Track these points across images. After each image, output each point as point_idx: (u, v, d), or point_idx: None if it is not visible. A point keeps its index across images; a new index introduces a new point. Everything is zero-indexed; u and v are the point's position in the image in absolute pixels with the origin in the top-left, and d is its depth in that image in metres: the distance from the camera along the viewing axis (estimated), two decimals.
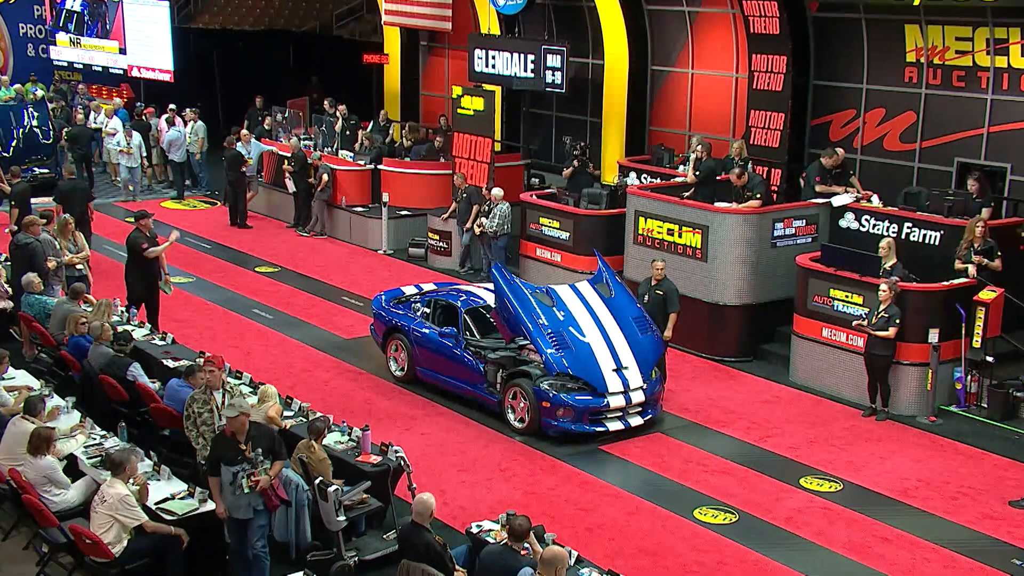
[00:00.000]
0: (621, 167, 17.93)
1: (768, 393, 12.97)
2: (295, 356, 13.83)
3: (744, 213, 13.77)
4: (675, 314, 12.44)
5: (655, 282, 12.58)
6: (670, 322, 12.39)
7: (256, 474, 8.15)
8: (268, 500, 8.28)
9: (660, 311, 12.43)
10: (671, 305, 12.44)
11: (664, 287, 12.52)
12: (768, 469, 10.87)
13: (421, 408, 12.30)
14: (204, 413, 9.02)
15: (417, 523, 7.58)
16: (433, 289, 13.80)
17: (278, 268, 17.83)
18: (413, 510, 7.62)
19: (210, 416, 8.98)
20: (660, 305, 12.46)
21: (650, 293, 12.58)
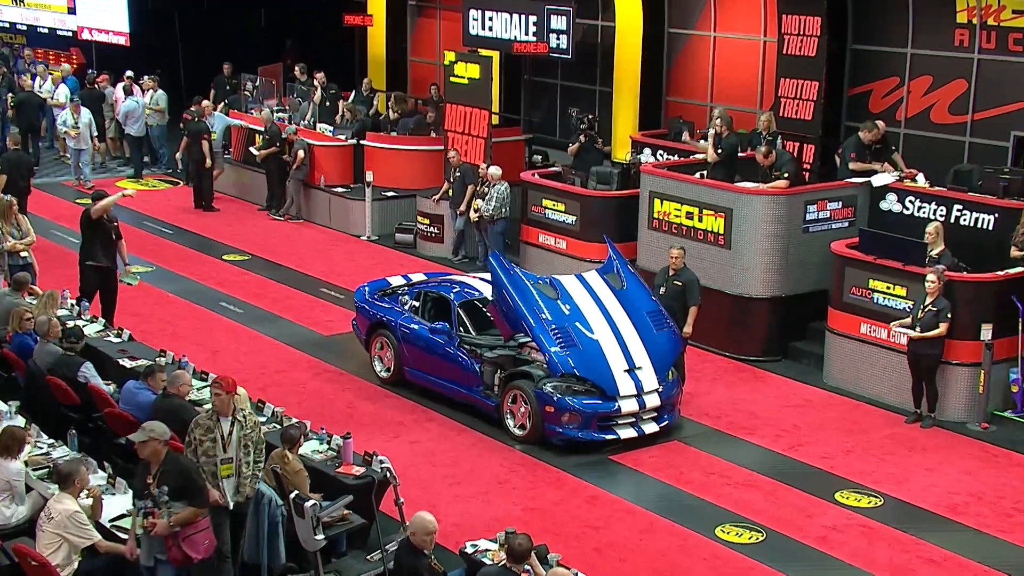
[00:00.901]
0: (634, 143, 17.92)
1: (799, 396, 12.98)
2: (268, 355, 13.83)
3: (772, 194, 13.76)
4: (695, 308, 12.43)
5: (673, 271, 12.58)
6: (690, 317, 12.39)
7: (156, 515, 7.68)
8: (169, 552, 7.72)
9: (678, 304, 12.43)
10: (691, 298, 12.43)
11: (683, 277, 12.52)
12: (799, 482, 10.88)
13: (409, 413, 12.31)
14: (207, 442, 8.39)
15: (414, 545, 7.54)
16: (423, 280, 13.80)
17: (248, 256, 17.82)
18: (410, 531, 7.57)
19: (212, 447, 8.38)
20: (678, 297, 12.45)
21: (667, 284, 12.57)
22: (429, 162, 18.79)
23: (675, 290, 12.50)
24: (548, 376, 11.46)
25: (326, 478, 9.26)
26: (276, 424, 10.04)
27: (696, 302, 12.43)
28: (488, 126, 17.47)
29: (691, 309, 12.41)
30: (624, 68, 19.43)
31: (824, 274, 13.52)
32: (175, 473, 7.81)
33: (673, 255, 12.62)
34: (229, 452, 8.41)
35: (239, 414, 8.53)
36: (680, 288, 12.48)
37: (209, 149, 19.91)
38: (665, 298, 12.47)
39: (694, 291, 12.45)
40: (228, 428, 8.45)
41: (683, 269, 12.57)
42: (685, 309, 12.41)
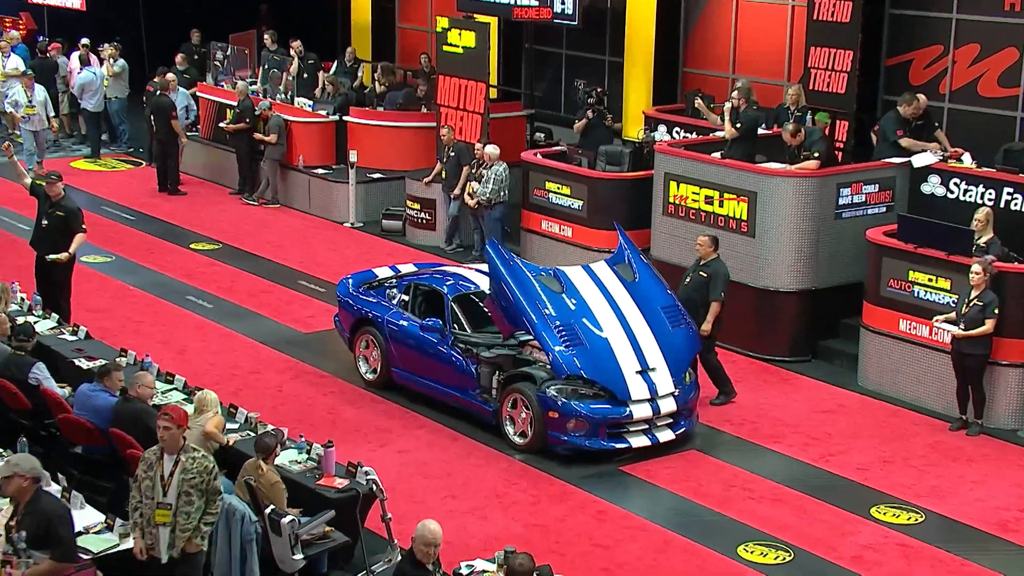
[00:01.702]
0: (648, 119, 17.91)
1: (831, 401, 12.99)
2: (240, 354, 13.83)
3: (801, 176, 13.75)
4: (717, 303, 12.42)
5: (702, 261, 12.57)
6: (709, 313, 12.40)
7: (14, 564, 7.36)
8: None
9: (700, 298, 12.44)
10: (712, 291, 12.42)
11: (710, 268, 12.51)
12: (831, 496, 10.89)
13: (398, 419, 12.31)
14: (146, 480, 8.09)
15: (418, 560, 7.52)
16: (413, 272, 13.80)
17: (219, 245, 17.81)
18: (414, 541, 7.52)
19: (151, 487, 8.03)
20: (700, 290, 12.47)
21: (692, 274, 12.58)
22: (419, 140, 18.77)
23: (698, 282, 12.50)
24: (552, 378, 11.46)
25: (305, 491, 9.26)
26: (250, 431, 10.04)
27: (717, 297, 12.42)
28: (485, 100, 17.45)
29: (711, 305, 12.41)
30: (637, 36, 19.41)
31: (859, 265, 13.51)
32: (37, 518, 7.47)
33: (698, 242, 12.61)
34: (168, 496, 7.99)
35: (185, 454, 8.07)
36: (703, 280, 12.47)
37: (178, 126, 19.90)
38: (688, 289, 12.48)
39: (717, 285, 12.43)
40: (170, 468, 8.04)
41: (713, 260, 12.56)
42: (707, 304, 12.41)
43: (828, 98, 15.89)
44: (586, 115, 17.58)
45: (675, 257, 14.53)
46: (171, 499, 7.99)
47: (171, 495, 8.00)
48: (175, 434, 8.11)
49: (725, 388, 12.71)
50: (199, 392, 10.08)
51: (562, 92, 21.34)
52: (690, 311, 12.40)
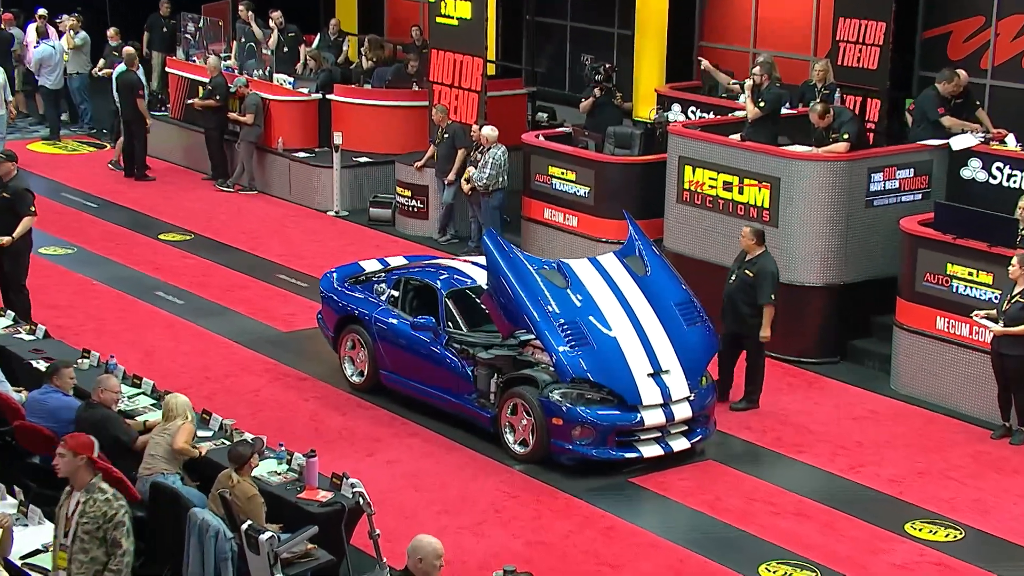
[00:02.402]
0: (660, 97, 17.89)
1: (861, 406, 12.99)
2: (214, 355, 13.83)
3: (829, 160, 13.75)
4: (769, 307, 12.38)
5: (747, 257, 12.56)
6: (765, 318, 12.38)
7: None
8: None
9: (745, 299, 12.44)
10: (761, 293, 12.39)
11: (757, 265, 12.49)
12: (862, 511, 10.89)
13: (387, 426, 12.31)
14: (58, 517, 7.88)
15: None
16: (403, 265, 13.80)
17: (190, 235, 17.81)
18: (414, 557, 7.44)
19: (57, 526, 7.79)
20: (747, 291, 12.45)
21: (737, 272, 12.57)
22: (410, 121, 18.76)
23: (744, 282, 12.48)
24: (555, 381, 11.46)
25: (286, 505, 9.26)
26: (225, 439, 10.04)
27: (768, 300, 12.37)
28: (482, 77, 17.44)
29: (764, 309, 12.38)
30: (648, 6, 19.39)
31: (892, 257, 13.51)
32: None
33: (742, 234, 12.62)
34: (68, 538, 7.71)
35: (88, 493, 7.64)
36: (749, 280, 12.46)
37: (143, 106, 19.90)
38: (730, 288, 12.49)
39: (766, 285, 12.39)
40: (73, 506, 7.71)
41: (759, 255, 12.54)
42: (753, 306, 12.40)
43: (858, 74, 15.88)
44: (593, 93, 17.57)
45: (690, 249, 14.52)
46: (69, 542, 7.71)
47: (69, 537, 7.71)
48: (69, 463, 7.69)
49: (754, 396, 12.72)
50: (167, 396, 10.09)
51: (566, 68, 21.34)
52: (733, 312, 12.44)
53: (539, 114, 19.80)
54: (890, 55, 15.74)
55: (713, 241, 14.32)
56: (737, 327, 12.57)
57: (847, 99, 15.72)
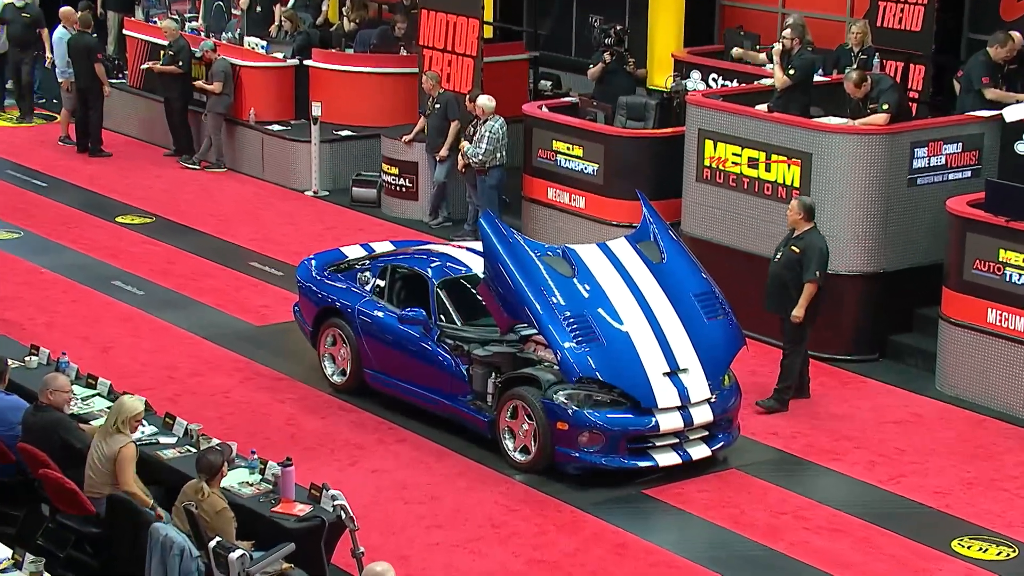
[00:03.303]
0: (678, 63, 17.87)
1: (903, 408, 12.99)
2: (179, 352, 13.83)
3: (867, 133, 13.74)
4: (812, 284, 12.44)
5: (795, 233, 12.61)
6: (803, 296, 12.42)
7: None
8: None
9: (791, 276, 12.48)
10: (806, 269, 12.44)
11: (804, 241, 12.53)
12: (903, 525, 10.88)
13: (372, 431, 12.31)
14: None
15: None
16: (390, 251, 13.79)
17: (151, 218, 17.79)
18: None
19: None
20: (792, 268, 12.49)
21: (783, 249, 12.61)
22: (398, 90, 18.74)
23: (789, 259, 12.52)
24: (560, 381, 11.45)
25: (259, 520, 9.26)
26: (191, 447, 10.03)
27: (812, 277, 12.42)
28: (478, 41, 17.43)
29: (805, 287, 12.42)
30: None
31: (937, 242, 13.51)
32: None
33: (789, 208, 12.66)
34: None
35: None
36: (796, 257, 12.49)
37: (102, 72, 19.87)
38: (776, 267, 12.52)
39: (812, 262, 12.44)
40: None
41: (807, 231, 12.57)
42: (799, 286, 12.43)
43: (900, 37, 15.87)
44: (602, 59, 17.53)
45: (711, 233, 14.51)
46: None
47: None
48: None
49: (784, 395, 12.73)
50: (119, 398, 9.87)
51: (573, 31, 21.30)
52: (779, 294, 12.46)
53: (542, 82, 19.77)
54: (936, 15, 15.72)
55: (737, 224, 14.31)
56: (784, 310, 12.57)
57: (887, 65, 15.70)
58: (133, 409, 9.60)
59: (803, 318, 12.47)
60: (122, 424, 9.51)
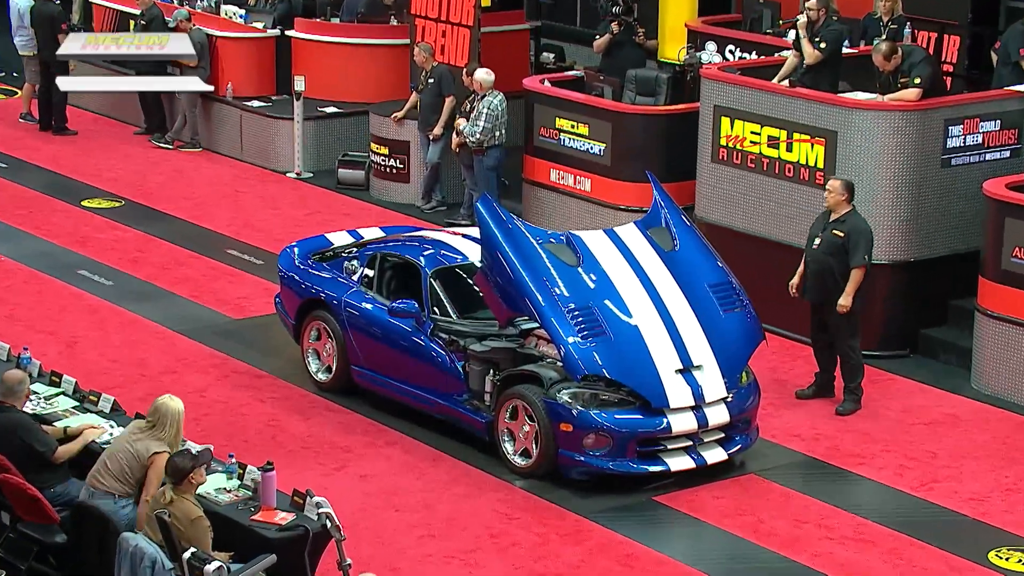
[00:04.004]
0: (692, 34, 17.84)
1: (936, 409, 13.00)
2: (150, 348, 13.83)
3: (897, 110, 13.73)
4: (860, 269, 12.45)
5: (834, 216, 12.60)
6: (850, 283, 12.43)
7: None
8: None
9: (836, 263, 12.48)
10: (853, 255, 12.45)
11: (847, 224, 12.53)
12: (936, 535, 10.89)
13: (361, 433, 12.32)
14: None
15: None
16: (379, 238, 13.79)
17: (120, 201, 17.78)
18: None
19: None
20: (837, 254, 12.48)
21: (823, 234, 12.60)
22: (387, 63, 18.72)
23: (832, 243, 12.51)
24: (564, 379, 11.46)
25: (237, 529, 9.26)
26: None
27: (861, 262, 12.44)
28: (475, 9, 17.41)
29: (852, 272, 12.43)
30: None
31: (973, 228, 13.51)
32: None
33: (828, 189, 12.63)
34: None
35: None
36: (839, 241, 12.48)
37: None
38: (816, 254, 12.51)
39: (859, 246, 12.45)
40: None
41: (848, 213, 12.58)
42: (845, 272, 12.43)
43: (933, 5, 15.85)
44: (610, 29, 17.54)
45: (728, 218, 14.50)
46: None
47: None
48: None
49: (858, 392, 12.76)
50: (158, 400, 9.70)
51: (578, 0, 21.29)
52: (822, 282, 12.46)
53: (544, 54, 19.74)
54: None
55: (755, 209, 14.31)
56: (828, 299, 12.57)
57: (919, 36, 15.69)
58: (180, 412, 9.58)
59: (852, 307, 12.48)
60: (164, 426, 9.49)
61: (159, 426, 9.53)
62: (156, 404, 9.67)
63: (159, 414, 9.57)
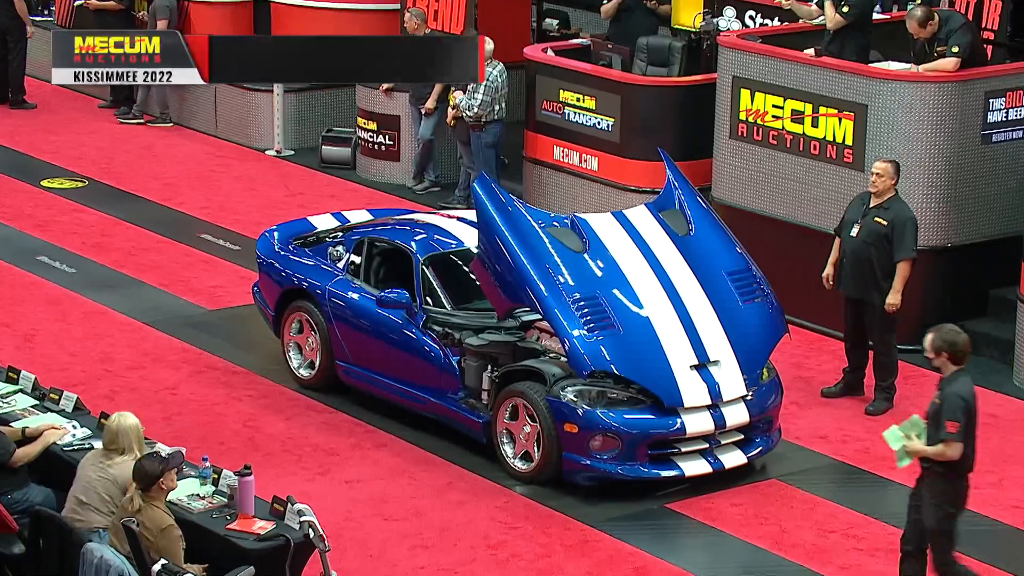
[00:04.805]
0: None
1: None
2: (116, 341, 13.85)
3: (933, 81, 13.73)
4: (908, 262, 12.44)
5: (875, 201, 12.58)
6: (896, 278, 12.43)
7: None
8: None
9: (877, 254, 12.46)
10: (899, 246, 12.43)
11: (891, 211, 12.51)
12: (975, 546, 10.86)
13: (346, 435, 12.34)
14: None
15: None
16: (367, 222, 13.80)
17: (84, 181, 17.77)
18: None
19: None
20: (879, 244, 12.47)
21: (863, 221, 12.57)
22: (376, 30, 18.68)
23: (874, 231, 12.49)
24: (569, 376, 11.48)
25: (212, 539, 9.27)
26: None
27: (909, 254, 12.44)
28: None
29: (898, 265, 12.42)
30: None
31: (1016, 210, 13.54)
32: None
33: (876, 171, 12.58)
34: None
35: None
36: (882, 229, 12.48)
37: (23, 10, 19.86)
38: (855, 242, 12.50)
39: (906, 235, 12.44)
40: None
41: (893, 199, 12.56)
42: (887, 264, 12.44)
43: None
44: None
45: (747, 199, 14.50)
46: None
47: None
48: None
49: (890, 391, 12.79)
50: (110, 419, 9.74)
51: None
52: (862, 275, 12.45)
53: (547, 20, 19.73)
54: None
55: (777, 189, 14.32)
56: (866, 293, 12.58)
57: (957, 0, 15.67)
58: (138, 427, 9.58)
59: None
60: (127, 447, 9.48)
61: (127, 451, 9.48)
62: (110, 427, 9.61)
63: (118, 436, 9.51)
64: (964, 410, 9.48)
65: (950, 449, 9.42)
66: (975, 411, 9.60)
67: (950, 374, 9.68)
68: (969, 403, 9.54)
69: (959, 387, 9.59)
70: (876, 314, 12.55)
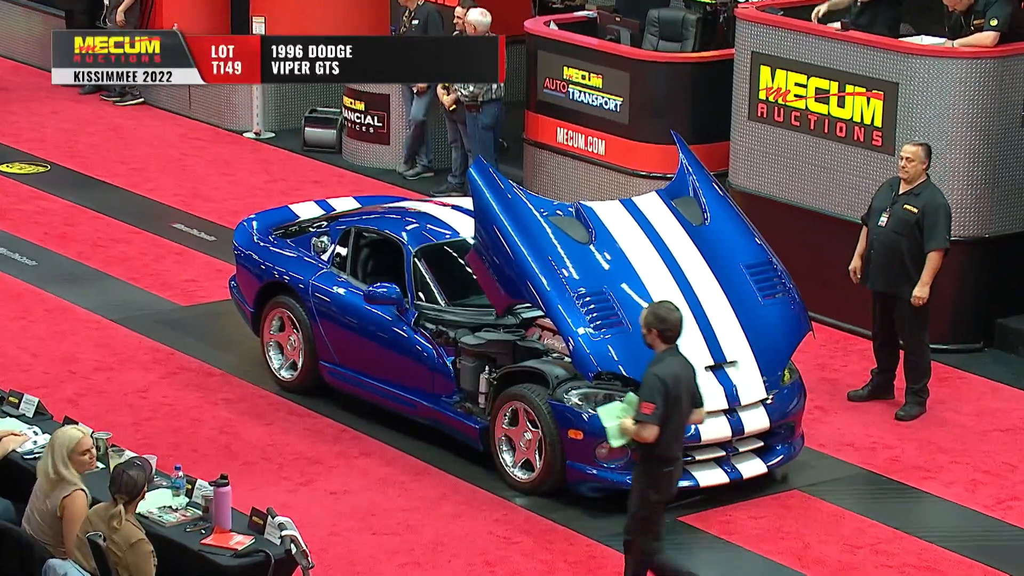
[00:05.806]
0: None
1: (1015, 412, 13.04)
2: (81, 339, 13.88)
3: (970, 57, 13.75)
4: (939, 252, 12.46)
5: (905, 188, 12.61)
6: (926, 270, 12.46)
7: None
8: None
9: (907, 244, 12.49)
10: (930, 236, 12.47)
11: (923, 198, 12.53)
12: (1014, 562, 10.90)
13: (332, 442, 12.37)
14: None
15: None
16: (354, 210, 13.82)
17: (46, 166, 17.80)
18: None
19: None
20: (910, 233, 12.50)
21: (892, 208, 12.60)
22: (364, 1, 18.72)
23: (903, 220, 12.53)
24: (573, 378, 11.51)
25: (186, 555, 9.28)
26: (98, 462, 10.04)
27: (942, 244, 12.48)
28: None
29: (929, 256, 12.46)
30: None
31: None
32: None
33: (906, 155, 12.61)
34: None
35: None
36: (912, 218, 12.51)
37: None
38: (884, 232, 12.53)
39: (938, 225, 12.47)
40: None
41: (923, 185, 12.60)
42: (918, 256, 12.48)
43: None
44: None
45: (767, 186, 14.52)
46: None
47: None
48: None
49: (923, 395, 12.80)
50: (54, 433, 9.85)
51: None
52: (890, 267, 12.49)
53: None
54: None
55: (800, 175, 14.33)
56: (896, 288, 12.61)
57: None
58: (71, 440, 9.42)
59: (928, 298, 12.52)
60: (63, 464, 9.43)
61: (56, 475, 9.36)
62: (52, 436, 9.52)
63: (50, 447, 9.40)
64: (662, 392, 9.68)
65: (644, 431, 9.64)
66: (678, 395, 9.77)
67: (659, 353, 9.89)
68: (669, 386, 9.73)
69: (661, 368, 9.81)
70: (906, 310, 12.57)
